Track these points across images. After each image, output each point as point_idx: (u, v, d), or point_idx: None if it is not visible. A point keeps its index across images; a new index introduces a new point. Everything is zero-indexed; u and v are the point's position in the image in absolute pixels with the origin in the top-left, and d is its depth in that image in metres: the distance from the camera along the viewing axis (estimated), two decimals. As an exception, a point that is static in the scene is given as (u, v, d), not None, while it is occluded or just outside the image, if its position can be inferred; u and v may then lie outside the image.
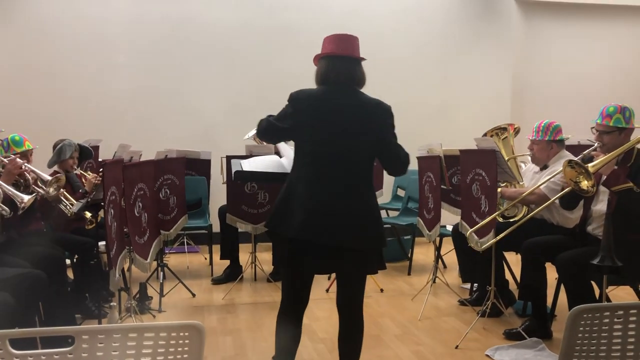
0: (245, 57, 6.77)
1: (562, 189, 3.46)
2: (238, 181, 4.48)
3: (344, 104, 2.52)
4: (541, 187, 3.73)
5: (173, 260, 5.77)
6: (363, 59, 2.63)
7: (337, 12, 6.94)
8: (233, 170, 3.95)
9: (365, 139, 2.52)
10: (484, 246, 3.63)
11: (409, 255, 5.61)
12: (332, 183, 2.48)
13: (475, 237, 3.70)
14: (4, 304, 2.58)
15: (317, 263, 2.52)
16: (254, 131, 5.81)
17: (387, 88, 7.17)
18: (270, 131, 2.62)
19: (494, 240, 3.62)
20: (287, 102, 2.57)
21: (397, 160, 2.61)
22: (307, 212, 2.44)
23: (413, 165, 5.07)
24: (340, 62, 2.56)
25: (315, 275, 2.75)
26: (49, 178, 3.55)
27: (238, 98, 6.65)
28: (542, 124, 3.97)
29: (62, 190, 3.74)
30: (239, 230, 4.93)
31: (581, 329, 1.32)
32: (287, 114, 2.55)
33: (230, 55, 6.73)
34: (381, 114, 2.56)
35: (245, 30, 6.75)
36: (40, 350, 1.13)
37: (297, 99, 2.54)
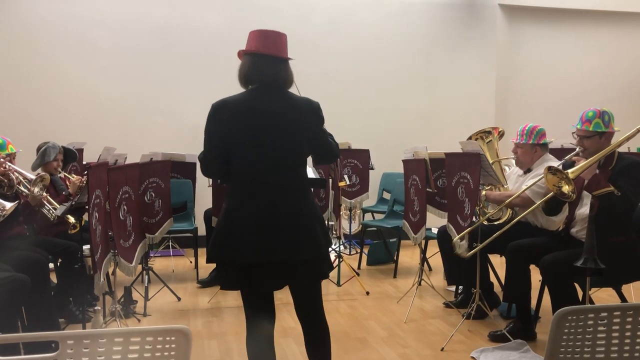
0: (230, 60, 6.71)
1: (547, 193, 3.49)
2: (224, 184, 4.46)
3: (271, 107, 2.34)
4: (526, 190, 3.77)
5: (158, 263, 5.74)
6: (290, 58, 2.45)
7: (322, 18, 6.97)
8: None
9: (299, 141, 2.38)
10: (469, 253, 3.65)
11: (395, 258, 5.63)
12: (273, 194, 2.34)
13: (460, 242, 3.72)
14: (-15, 308, 2.55)
15: (271, 281, 2.37)
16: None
17: (373, 92, 7.24)
18: (209, 163, 2.42)
19: (480, 247, 3.65)
20: (208, 116, 2.36)
21: (330, 155, 2.54)
22: (251, 232, 2.30)
23: (399, 169, 5.12)
24: (264, 60, 2.37)
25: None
26: (33, 177, 3.51)
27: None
28: (526, 128, 4.00)
29: (45, 194, 3.70)
30: (225, 233, 4.90)
31: (566, 331, 1.33)
32: (210, 132, 2.35)
33: (215, 58, 6.71)
34: (311, 113, 2.41)
35: (230, 34, 6.72)
36: (23, 356, 1.12)
37: (220, 109, 2.34)
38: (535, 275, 3.65)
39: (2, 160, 3.25)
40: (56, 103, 6.37)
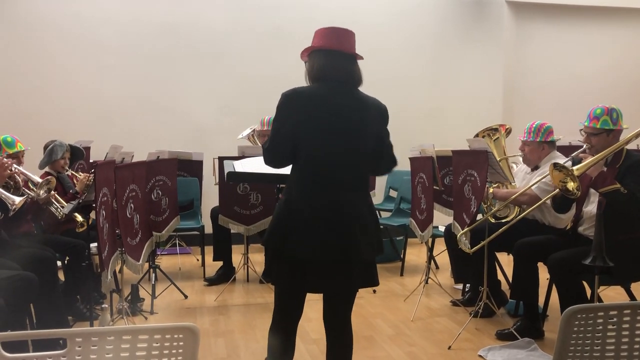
0: (236, 58, 6.75)
1: (553, 190, 3.48)
2: (230, 182, 4.47)
3: (342, 103, 2.31)
4: (532, 187, 3.75)
5: (165, 261, 5.75)
6: (361, 57, 2.44)
7: (327, 14, 6.94)
8: (226, 171, 3.93)
9: (366, 141, 2.35)
10: (473, 249, 3.65)
11: (402, 256, 5.62)
12: (333, 194, 2.29)
13: (464, 239, 3.72)
14: (-6, 306, 2.56)
15: (325, 280, 2.33)
16: (248, 130, 5.81)
17: (379, 90, 7.21)
18: (276, 153, 2.34)
19: (484, 243, 3.65)
20: (278, 104, 2.31)
21: (389, 162, 2.51)
22: (312, 228, 2.25)
23: (405, 166, 5.10)
24: (339, 58, 2.35)
25: None
26: (39, 180, 3.53)
27: (228, 99, 6.65)
28: (534, 125, 3.98)
29: (52, 192, 3.71)
30: (232, 231, 4.93)
31: (575, 329, 1.32)
32: (280, 121, 2.30)
33: (221, 56, 6.71)
34: (379, 115, 2.39)
35: (236, 32, 6.74)
36: (33, 354, 1.12)
37: (290, 99, 2.29)
38: (543, 273, 3.64)
39: (8, 162, 3.26)
40: (63, 101, 6.39)
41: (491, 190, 3.97)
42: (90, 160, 5.10)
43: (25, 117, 6.16)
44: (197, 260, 5.87)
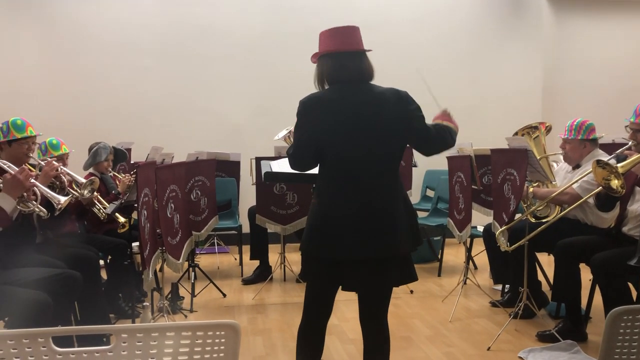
0: (271, 59, 6.80)
1: (596, 188, 3.40)
2: (267, 182, 4.50)
3: (360, 102, 2.30)
4: (574, 186, 3.67)
5: (204, 260, 5.84)
6: (368, 50, 2.42)
7: (361, 13, 6.93)
8: (263, 172, 3.96)
9: (392, 133, 2.33)
10: (512, 247, 3.59)
11: (439, 256, 5.57)
12: (364, 191, 2.30)
13: (502, 239, 3.66)
14: (42, 303, 2.64)
15: (358, 280, 2.36)
16: (285, 132, 5.85)
17: (415, 89, 7.16)
18: (301, 159, 2.38)
19: (523, 241, 3.59)
20: (297, 112, 2.34)
21: (435, 140, 2.46)
22: (342, 229, 2.28)
23: (442, 166, 5.05)
24: (347, 58, 2.34)
25: None
26: (84, 180, 3.62)
27: (263, 100, 6.70)
28: (575, 123, 3.90)
29: (95, 193, 3.81)
30: (269, 230, 4.97)
31: (621, 331, 1.29)
32: (302, 129, 2.34)
33: (256, 57, 6.77)
34: (400, 102, 2.34)
35: (270, 33, 6.79)
36: (81, 348, 1.16)
37: (308, 105, 2.32)
38: (585, 274, 3.56)
39: (55, 163, 3.36)
40: (105, 104, 6.55)
41: (531, 189, 3.90)
42: (131, 162, 5.22)
43: (70, 120, 6.33)
44: (235, 259, 5.94)
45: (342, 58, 2.34)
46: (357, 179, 2.31)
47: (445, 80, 7.13)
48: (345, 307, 4.17)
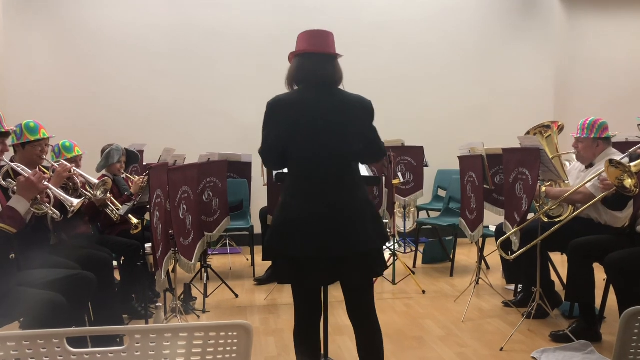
0: (282, 59, 6.79)
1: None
2: (279, 183, 4.50)
3: (322, 104, 2.38)
4: (587, 185, 3.64)
5: (216, 261, 5.86)
6: (338, 55, 2.47)
7: (372, 14, 6.94)
8: (274, 172, 3.98)
9: (350, 137, 2.39)
10: (521, 250, 3.57)
11: (451, 256, 5.55)
12: (326, 189, 2.38)
13: (514, 238, 3.64)
14: (56, 304, 2.66)
15: (321, 276, 2.43)
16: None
17: (426, 88, 7.15)
18: (268, 158, 2.47)
19: (538, 240, 3.57)
20: (265, 113, 2.42)
21: (378, 153, 2.56)
22: (304, 227, 2.35)
23: (454, 165, 5.04)
24: (313, 60, 2.41)
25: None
26: (96, 182, 3.65)
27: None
28: (588, 121, 3.87)
29: (109, 195, 3.84)
30: (280, 231, 4.97)
31: (636, 331, 1.28)
32: (267, 129, 2.41)
33: (267, 58, 6.77)
34: (362, 110, 2.42)
35: (282, 34, 6.78)
36: (95, 349, 1.17)
37: (274, 108, 2.40)
38: (599, 274, 3.53)
39: (67, 164, 3.39)
40: (117, 107, 6.60)
41: (543, 188, 3.88)
42: (144, 164, 5.25)
43: (82, 122, 6.39)
44: (247, 259, 5.96)
45: (308, 59, 2.42)
46: (316, 181, 2.39)
47: (457, 79, 7.12)
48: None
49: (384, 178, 5.11)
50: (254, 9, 6.81)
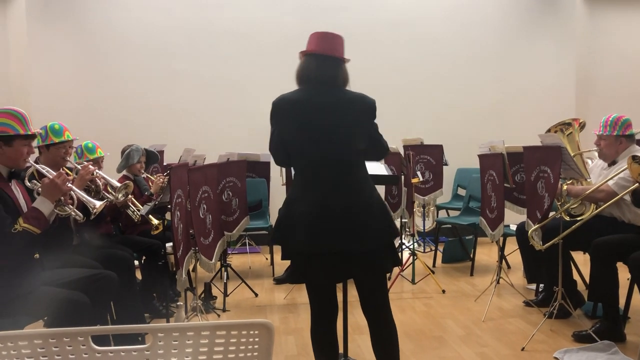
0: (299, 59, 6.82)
1: (633, 185, 3.32)
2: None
3: (324, 103, 2.41)
4: (609, 183, 3.60)
5: (235, 260, 5.89)
6: (345, 59, 2.51)
7: (392, 13, 6.91)
8: (293, 172, 3.99)
9: (352, 135, 2.42)
10: (545, 245, 3.54)
11: (472, 255, 5.51)
12: (327, 187, 2.40)
13: (535, 237, 3.61)
14: (80, 303, 2.70)
15: (330, 272, 2.45)
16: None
17: (445, 86, 7.11)
18: (276, 155, 2.55)
19: (559, 238, 3.53)
20: (270, 112, 2.50)
21: (378, 154, 2.61)
22: (308, 223, 2.37)
23: (473, 164, 5.00)
24: (319, 60, 2.46)
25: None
26: (118, 184, 3.70)
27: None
28: (610, 118, 3.82)
29: (130, 196, 3.88)
30: (299, 231, 4.98)
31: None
32: (272, 127, 2.49)
33: (285, 57, 6.75)
34: (364, 108, 2.45)
35: (300, 33, 6.74)
36: (119, 347, 1.19)
37: (278, 106, 2.47)
38: (623, 273, 3.48)
39: (91, 167, 3.43)
40: (137, 108, 6.67)
41: (565, 187, 3.83)
42: (164, 163, 5.30)
43: (104, 123, 6.47)
44: (266, 259, 5.98)
45: (314, 59, 2.46)
46: (319, 179, 2.42)
47: (476, 77, 7.07)
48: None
49: (402, 177, 5.09)
50: (272, 9, 6.84)
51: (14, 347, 1.13)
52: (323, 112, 2.41)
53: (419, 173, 5.29)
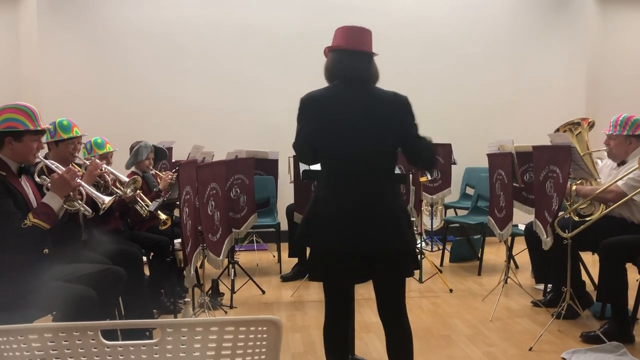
0: (310, 57, 6.80)
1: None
2: (305, 180, 4.52)
3: (354, 102, 2.35)
4: (619, 183, 3.57)
5: (243, 257, 5.91)
6: (374, 53, 2.45)
7: (401, 11, 6.89)
8: (301, 170, 3.99)
9: (384, 135, 2.35)
10: (571, 233, 3.51)
11: (479, 255, 5.50)
12: (354, 188, 2.35)
13: (544, 235, 3.59)
14: (88, 298, 2.72)
15: (351, 273, 2.43)
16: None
17: (454, 84, 7.08)
18: (300, 153, 2.48)
19: (570, 235, 3.51)
20: (298, 109, 2.42)
21: (419, 153, 2.46)
22: (333, 224, 2.34)
23: (482, 163, 4.98)
24: (351, 56, 2.39)
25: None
26: (127, 179, 3.71)
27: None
28: (620, 118, 3.79)
29: (138, 191, 3.90)
30: (307, 228, 4.99)
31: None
32: (300, 124, 2.42)
33: (294, 56, 6.81)
34: (398, 107, 2.37)
35: (309, 31, 6.80)
36: (128, 342, 1.19)
37: (306, 104, 2.40)
38: (632, 274, 3.46)
39: (99, 162, 3.45)
40: (147, 104, 6.70)
41: (574, 187, 3.81)
42: (173, 160, 5.32)
43: (113, 119, 6.50)
44: (274, 256, 5.99)
45: (343, 55, 2.41)
46: (348, 178, 2.37)
47: (486, 75, 7.04)
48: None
49: (411, 175, 5.08)
50: (281, 7, 6.84)
51: (24, 341, 1.13)
52: (354, 110, 2.35)
53: (427, 172, 5.28)
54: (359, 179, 2.36)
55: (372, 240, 2.33)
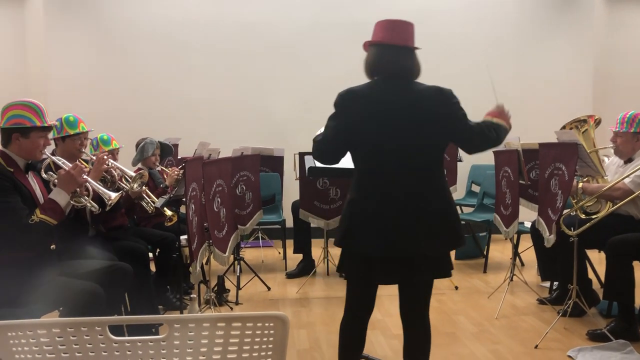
0: (316, 54, 6.82)
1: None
2: (311, 177, 4.53)
3: (397, 98, 2.26)
4: (626, 181, 3.56)
5: (248, 254, 5.92)
6: (417, 48, 2.37)
7: (406, 6, 6.86)
8: (307, 167, 3.99)
9: (430, 130, 2.26)
10: (577, 231, 3.50)
11: (485, 252, 5.49)
12: (397, 189, 2.26)
13: (547, 233, 3.58)
14: (95, 293, 2.73)
15: (390, 275, 2.35)
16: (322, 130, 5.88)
17: (459, 81, 7.04)
18: (326, 149, 2.38)
19: (576, 232, 3.49)
20: (334, 103, 2.32)
21: (474, 142, 2.40)
22: (368, 224, 2.26)
23: (488, 160, 4.97)
24: (391, 51, 2.31)
25: None
26: (133, 174, 3.72)
27: (309, 96, 6.71)
28: (627, 115, 3.78)
29: (144, 187, 3.90)
30: (312, 225, 5.00)
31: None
32: (336, 120, 2.31)
33: (300, 52, 6.80)
34: (443, 100, 2.28)
35: (316, 28, 6.81)
36: (136, 337, 1.19)
37: (345, 99, 2.29)
38: (639, 272, 3.44)
39: (105, 157, 3.45)
40: (153, 101, 6.71)
41: (580, 184, 3.80)
42: (179, 157, 5.32)
43: (119, 116, 6.51)
44: (279, 253, 6.00)
45: (385, 50, 2.32)
46: (388, 177, 2.28)
47: (493, 73, 6.99)
48: (389, 302, 4.15)
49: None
50: (286, 3, 6.83)
51: (32, 336, 1.14)
52: (395, 107, 2.26)
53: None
54: (398, 179, 2.27)
55: (408, 243, 2.26)
